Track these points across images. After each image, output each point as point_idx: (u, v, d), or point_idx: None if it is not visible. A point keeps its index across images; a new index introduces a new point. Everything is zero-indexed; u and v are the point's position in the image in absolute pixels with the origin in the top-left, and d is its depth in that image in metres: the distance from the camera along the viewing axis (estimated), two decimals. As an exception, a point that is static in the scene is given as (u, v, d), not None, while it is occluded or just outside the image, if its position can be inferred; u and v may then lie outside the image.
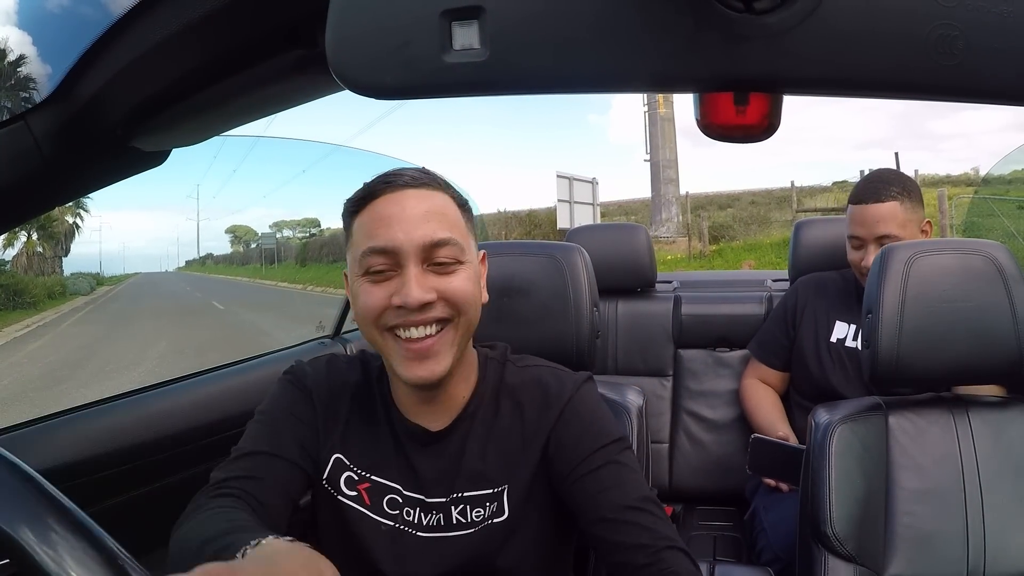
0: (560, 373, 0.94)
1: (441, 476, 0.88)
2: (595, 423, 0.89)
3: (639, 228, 2.23)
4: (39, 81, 0.52)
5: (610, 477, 0.85)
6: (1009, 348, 1.08)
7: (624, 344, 2.13)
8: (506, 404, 0.91)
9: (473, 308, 0.85)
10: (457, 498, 0.88)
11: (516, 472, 0.88)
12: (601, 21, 0.36)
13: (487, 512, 0.88)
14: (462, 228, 0.85)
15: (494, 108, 67.72)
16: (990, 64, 0.34)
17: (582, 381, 0.93)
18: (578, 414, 0.89)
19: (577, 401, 0.90)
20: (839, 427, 1.12)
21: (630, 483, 0.85)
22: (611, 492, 0.84)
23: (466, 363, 0.90)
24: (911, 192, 1.54)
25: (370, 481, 0.89)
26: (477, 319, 0.86)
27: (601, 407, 0.93)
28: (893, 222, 1.51)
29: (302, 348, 1.77)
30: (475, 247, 0.89)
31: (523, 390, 0.91)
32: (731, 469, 1.95)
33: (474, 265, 0.86)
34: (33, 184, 0.56)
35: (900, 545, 1.08)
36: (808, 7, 0.34)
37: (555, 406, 0.89)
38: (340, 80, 0.39)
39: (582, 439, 0.87)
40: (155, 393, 1.28)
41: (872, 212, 1.53)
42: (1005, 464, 1.10)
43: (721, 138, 0.41)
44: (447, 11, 0.37)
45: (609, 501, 0.83)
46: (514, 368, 0.94)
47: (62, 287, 11.26)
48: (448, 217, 0.83)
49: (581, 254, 1.22)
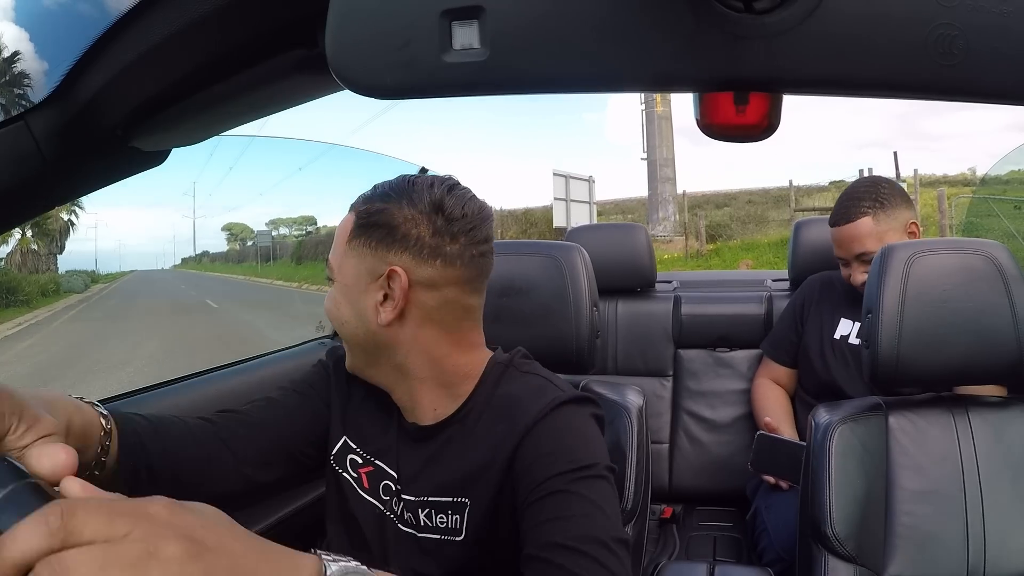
0: (543, 388, 0.87)
1: (417, 475, 0.89)
2: (561, 447, 0.79)
3: (639, 228, 2.23)
4: (39, 81, 0.52)
5: (553, 508, 0.74)
6: (1009, 348, 1.08)
7: (624, 344, 2.13)
8: (489, 415, 0.87)
9: (336, 323, 0.89)
10: (424, 501, 0.87)
11: (478, 489, 0.84)
12: (601, 21, 0.36)
13: (448, 523, 0.86)
14: (340, 248, 0.88)
15: (491, 105, 67.61)
16: (990, 64, 0.34)
17: (560, 401, 0.83)
18: (544, 436, 0.80)
19: (548, 421, 0.81)
20: (839, 427, 1.12)
21: (578, 518, 0.72)
22: (548, 526, 0.72)
23: (415, 377, 0.87)
24: (885, 201, 1.54)
25: (372, 465, 0.92)
26: (348, 335, 0.88)
27: (576, 430, 0.82)
28: (868, 239, 1.52)
29: (302, 348, 1.77)
30: (361, 266, 0.85)
31: (504, 402, 0.87)
32: (731, 469, 1.95)
33: (342, 285, 0.88)
34: (33, 184, 0.56)
35: (900, 545, 1.08)
36: (808, 7, 0.34)
37: (521, 423, 0.82)
38: (340, 80, 0.39)
39: (538, 463, 0.78)
40: (155, 393, 1.28)
41: (846, 233, 1.56)
42: (1005, 464, 1.10)
43: (721, 138, 0.41)
44: (447, 11, 0.37)
45: (542, 536, 0.72)
46: (510, 377, 0.90)
47: (56, 285, 11.22)
48: (337, 238, 0.90)
49: (581, 254, 1.22)
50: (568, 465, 0.76)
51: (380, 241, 0.85)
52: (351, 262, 0.87)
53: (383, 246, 0.84)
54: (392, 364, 0.88)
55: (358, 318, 0.87)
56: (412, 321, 0.85)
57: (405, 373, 0.88)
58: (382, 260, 0.84)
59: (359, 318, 0.87)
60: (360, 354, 0.90)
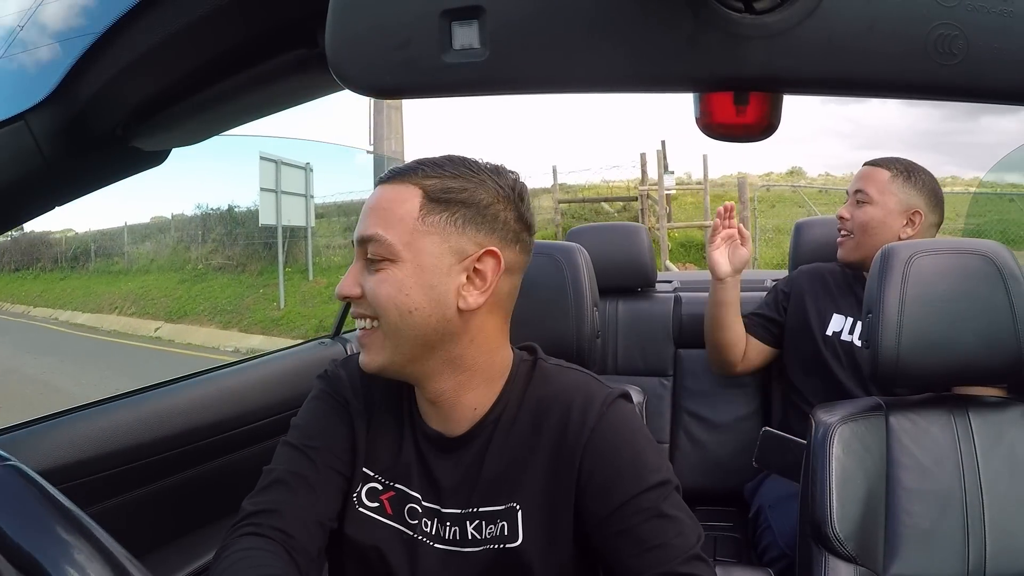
0: (590, 385, 0.84)
1: (458, 486, 0.82)
2: (632, 455, 0.79)
3: (640, 228, 2.23)
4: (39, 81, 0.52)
5: (651, 534, 0.76)
6: (1009, 348, 1.08)
7: (624, 344, 2.13)
8: (527, 415, 0.83)
9: (394, 313, 0.77)
10: (473, 512, 0.81)
11: (531, 493, 0.80)
12: (601, 21, 0.36)
13: (498, 531, 0.80)
14: (406, 224, 0.77)
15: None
16: (990, 64, 0.34)
17: (615, 397, 0.82)
18: (610, 442, 0.79)
19: (607, 424, 0.80)
20: (839, 427, 1.12)
21: (675, 540, 0.76)
22: (652, 555, 0.75)
23: (453, 368, 0.82)
24: (911, 177, 1.57)
25: (394, 490, 0.84)
26: (410, 326, 0.77)
27: (636, 431, 0.82)
28: (873, 185, 1.57)
29: (302, 348, 1.77)
30: (443, 244, 0.78)
31: (546, 402, 0.83)
32: (731, 469, 1.95)
33: (415, 265, 0.77)
34: (33, 184, 0.56)
35: (901, 545, 1.08)
36: (808, 7, 0.34)
37: (576, 424, 0.80)
38: (340, 80, 0.39)
39: (618, 481, 0.77)
40: (155, 393, 1.28)
41: (865, 171, 1.62)
42: (1005, 464, 1.10)
43: (721, 138, 0.41)
44: (447, 11, 0.37)
45: (651, 566, 0.75)
46: (542, 374, 0.86)
47: None
48: (390, 212, 0.77)
49: (581, 253, 1.22)
50: (649, 479, 0.78)
51: (469, 220, 0.78)
52: (431, 240, 0.77)
53: (472, 225, 0.78)
54: (447, 356, 0.81)
55: (434, 303, 0.78)
56: (486, 307, 0.80)
57: (458, 366, 0.81)
58: (471, 240, 0.78)
59: (435, 303, 0.78)
60: (411, 347, 0.79)
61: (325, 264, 10.47)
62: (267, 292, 9.96)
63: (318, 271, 10.25)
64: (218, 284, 10.69)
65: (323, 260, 10.60)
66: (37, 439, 1.05)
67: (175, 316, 10.17)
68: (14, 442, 1.02)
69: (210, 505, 1.29)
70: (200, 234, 11.92)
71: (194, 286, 10.85)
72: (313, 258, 10.37)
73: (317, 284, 9.99)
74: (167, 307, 10.53)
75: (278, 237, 9.60)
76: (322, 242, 11.07)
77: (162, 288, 11.19)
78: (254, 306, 9.83)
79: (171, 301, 10.66)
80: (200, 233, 11.93)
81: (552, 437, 0.80)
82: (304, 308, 9.34)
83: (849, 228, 1.60)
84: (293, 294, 9.78)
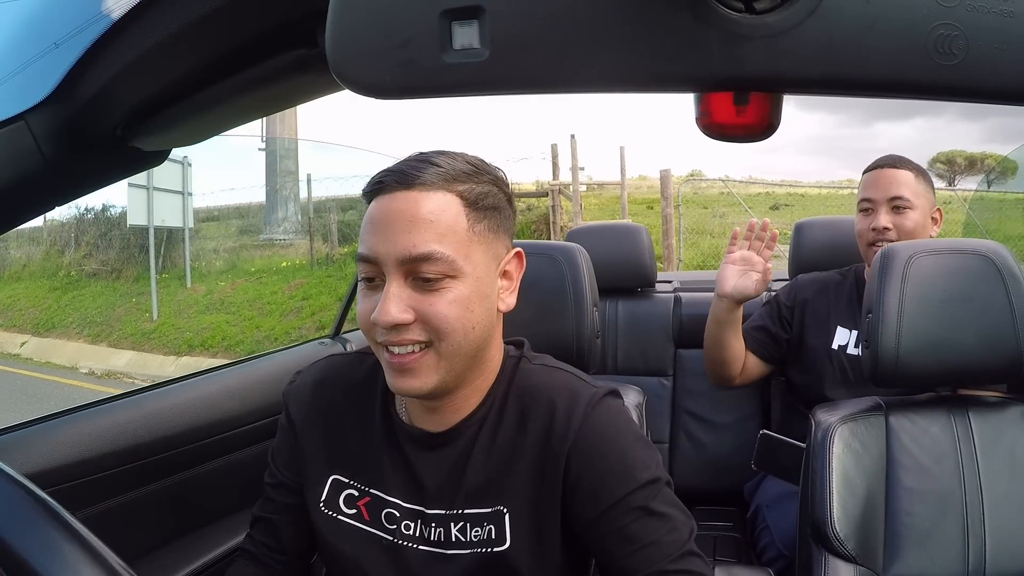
0: (575, 384, 0.82)
1: (442, 486, 0.80)
2: (619, 454, 0.77)
3: (640, 228, 2.23)
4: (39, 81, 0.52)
5: (642, 532, 0.74)
6: (1009, 348, 1.08)
7: (624, 344, 2.13)
8: (512, 412, 0.81)
9: (460, 333, 0.73)
10: (458, 514, 0.79)
11: (518, 495, 0.79)
12: (601, 21, 0.36)
13: (485, 535, 0.78)
14: (459, 236, 0.73)
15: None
16: (990, 64, 0.34)
17: (600, 396, 0.80)
18: (596, 444, 0.77)
19: (593, 423, 0.78)
20: (839, 427, 1.12)
21: (667, 536, 0.75)
22: (644, 553, 0.74)
23: (477, 372, 0.80)
24: (927, 176, 1.56)
25: (370, 495, 0.83)
26: (471, 341, 0.75)
27: (626, 430, 0.79)
28: (907, 187, 1.52)
29: (302, 348, 1.77)
30: (488, 252, 0.77)
31: (530, 399, 0.81)
32: (731, 469, 1.95)
33: (474, 279, 0.74)
34: (33, 184, 0.56)
35: (900, 545, 1.08)
36: (808, 7, 0.34)
37: (561, 424, 0.78)
38: (340, 80, 0.39)
39: (606, 483, 0.76)
40: (155, 393, 1.28)
41: (888, 175, 1.54)
42: (1005, 464, 1.10)
43: (721, 138, 0.41)
44: (447, 11, 0.37)
45: (643, 565, 0.74)
46: (526, 371, 0.84)
47: None
48: (440, 224, 0.72)
49: (581, 254, 1.22)
50: (637, 478, 0.76)
51: (500, 224, 0.78)
52: (480, 249, 0.75)
53: (502, 229, 0.79)
54: (479, 360, 0.79)
55: (487, 314, 0.76)
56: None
57: (480, 368, 0.80)
58: (503, 244, 0.79)
59: (488, 313, 0.76)
60: (464, 363, 0.76)
61: (205, 269, 9.44)
62: (140, 301, 8.84)
63: (196, 277, 9.18)
64: (90, 292, 9.46)
65: (203, 265, 9.52)
66: (37, 439, 1.05)
67: (43, 329, 8.91)
68: (15, 442, 1.02)
69: (210, 505, 1.29)
70: (73, 237, 10.29)
71: (64, 295, 9.58)
72: (192, 262, 9.21)
73: (195, 292, 8.95)
74: (35, 318, 9.24)
75: (150, 239, 8.47)
76: (210, 245, 10.01)
77: (31, 297, 9.86)
78: (126, 317, 8.68)
79: (39, 312, 9.35)
80: (73, 236, 10.30)
81: (538, 438, 0.79)
82: (178, 320, 8.29)
83: (892, 237, 1.50)
84: (168, 303, 8.69)
